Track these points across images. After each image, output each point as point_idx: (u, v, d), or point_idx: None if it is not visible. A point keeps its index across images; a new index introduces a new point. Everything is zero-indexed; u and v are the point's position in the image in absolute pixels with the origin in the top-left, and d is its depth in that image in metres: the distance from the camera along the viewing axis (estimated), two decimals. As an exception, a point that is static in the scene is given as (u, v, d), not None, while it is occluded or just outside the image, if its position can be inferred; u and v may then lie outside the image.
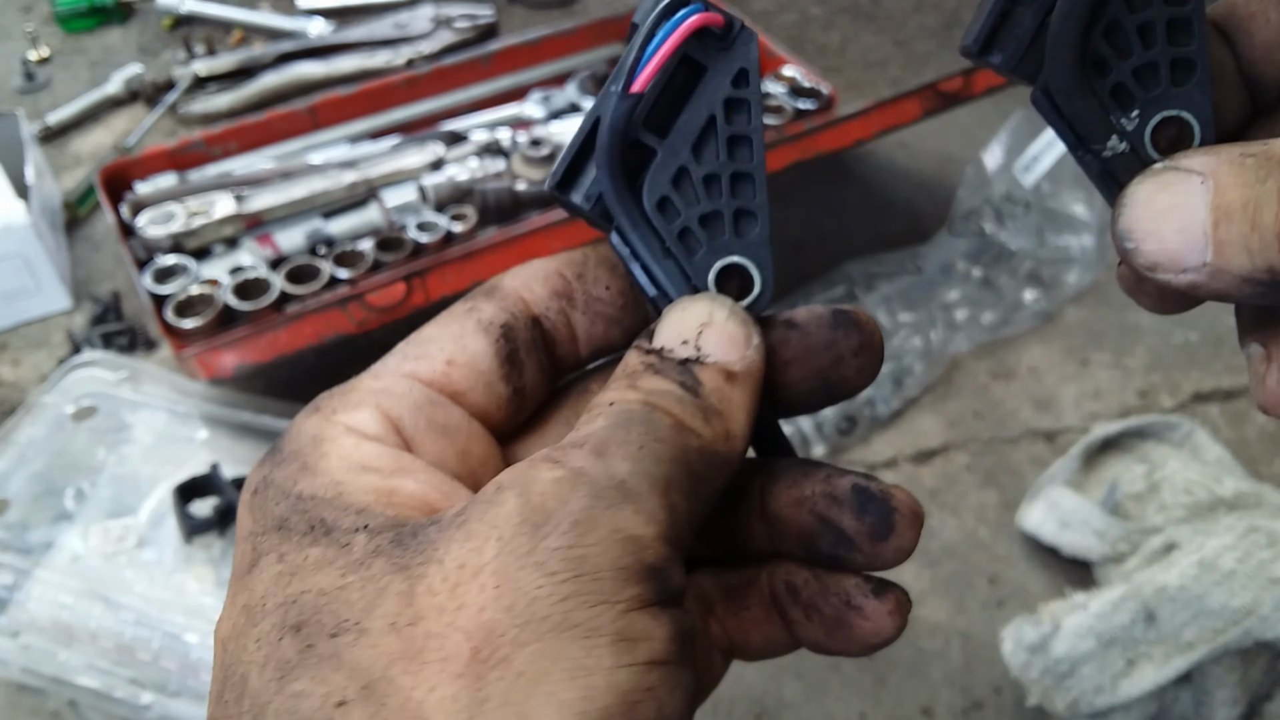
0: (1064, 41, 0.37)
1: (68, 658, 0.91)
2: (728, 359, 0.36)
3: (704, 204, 0.38)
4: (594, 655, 0.28)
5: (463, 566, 0.30)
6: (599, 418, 0.34)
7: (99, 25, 1.84)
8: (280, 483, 0.34)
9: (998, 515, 1.11)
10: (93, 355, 1.18)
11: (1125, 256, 0.35)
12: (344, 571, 0.31)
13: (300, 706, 0.29)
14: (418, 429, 0.37)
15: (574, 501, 0.30)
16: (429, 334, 0.39)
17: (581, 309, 0.40)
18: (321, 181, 1.27)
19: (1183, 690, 0.92)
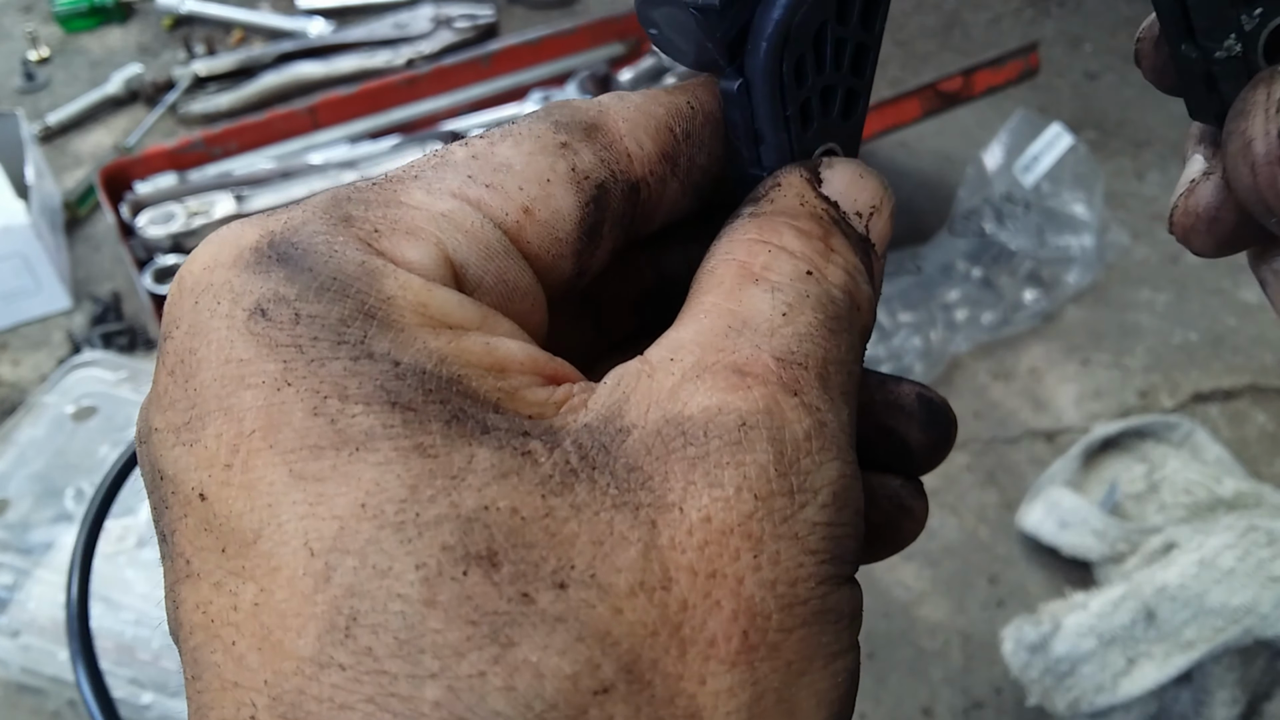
0: None
1: (68, 658, 0.91)
2: (880, 248, 0.32)
3: (828, 74, 0.32)
4: (840, 640, 0.26)
5: (709, 520, 0.24)
6: (805, 302, 0.28)
7: (99, 25, 1.84)
8: (334, 326, 0.24)
9: (998, 515, 1.11)
10: (93, 355, 1.18)
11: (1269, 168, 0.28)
12: (541, 491, 0.23)
13: (541, 688, 0.21)
14: (484, 283, 0.27)
15: (827, 468, 0.26)
16: (506, 156, 0.29)
17: (682, 177, 0.32)
18: (322, 181, 1.27)
19: (1183, 689, 0.92)
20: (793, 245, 0.29)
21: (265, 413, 0.23)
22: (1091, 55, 1.73)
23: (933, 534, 1.09)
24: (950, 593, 1.04)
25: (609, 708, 0.22)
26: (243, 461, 0.23)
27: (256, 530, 0.23)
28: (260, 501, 0.23)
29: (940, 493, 1.13)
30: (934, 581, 1.05)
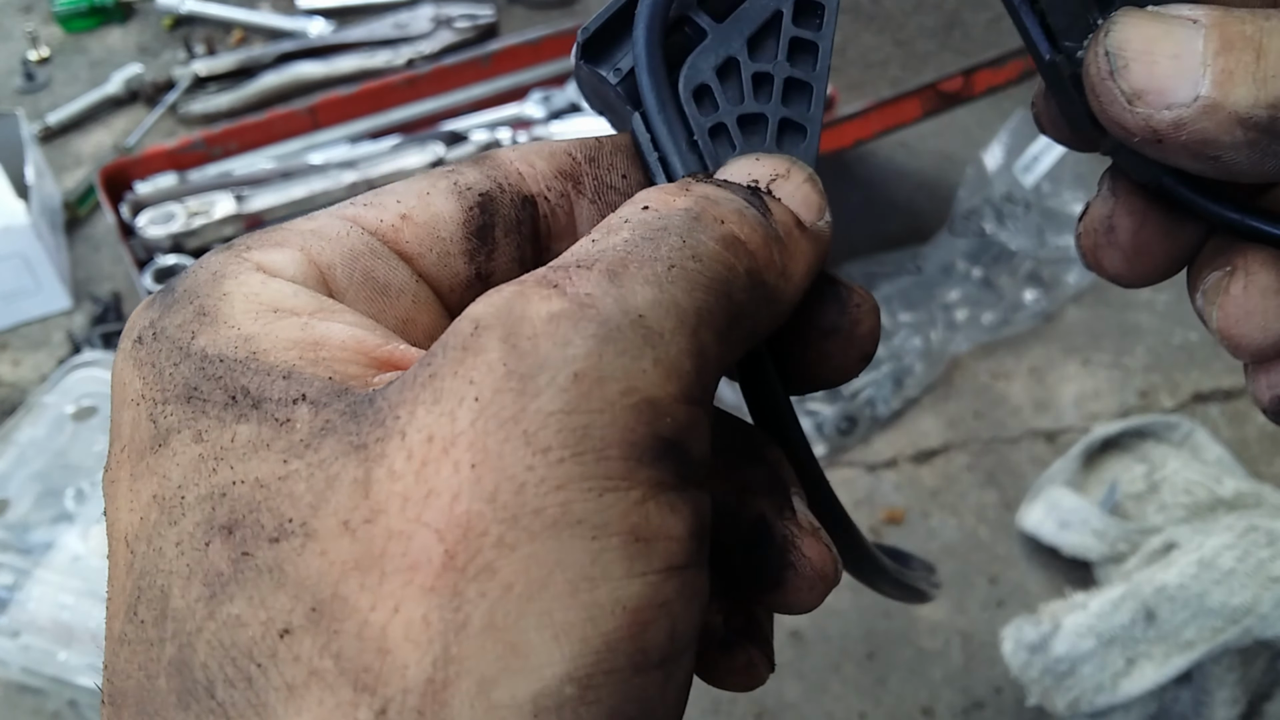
0: None
1: (68, 658, 0.91)
2: (800, 214, 0.30)
3: (749, 104, 0.33)
4: (600, 562, 0.22)
5: (431, 439, 0.23)
6: (624, 226, 0.27)
7: (99, 25, 1.84)
8: (173, 334, 0.27)
9: (998, 515, 1.11)
10: (93, 355, 1.18)
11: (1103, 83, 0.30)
12: (286, 456, 0.24)
13: (237, 638, 0.23)
14: (350, 281, 0.29)
15: (575, 344, 0.23)
16: (391, 186, 0.31)
17: (590, 196, 0.33)
18: (322, 182, 1.27)
19: (1183, 689, 0.92)
20: (641, 196, 0.29)
21: (129, 427, 0.27)
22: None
23: (933, 534, 1.09)
24: (950, 592, 1.04)
25: (295, 647, 0.22)
26: (115, 475, 0.27)
27: (110, 534, 0.26)
28: (114, 508, 0.26)
29: (940, 493, 1.13)
30: (934, 581, 1.05)
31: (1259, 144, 0.29)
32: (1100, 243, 0.36)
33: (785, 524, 0.30)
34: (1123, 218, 0.35)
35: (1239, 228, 0.33)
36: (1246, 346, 0.32)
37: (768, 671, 0.31)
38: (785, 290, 0.29)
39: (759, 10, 0.34)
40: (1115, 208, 0.35)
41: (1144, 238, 0.35)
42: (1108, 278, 0.37)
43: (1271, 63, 0.28)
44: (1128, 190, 0.35)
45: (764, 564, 0.30)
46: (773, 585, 0.30)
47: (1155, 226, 0.35)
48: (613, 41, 0.33)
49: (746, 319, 0.27)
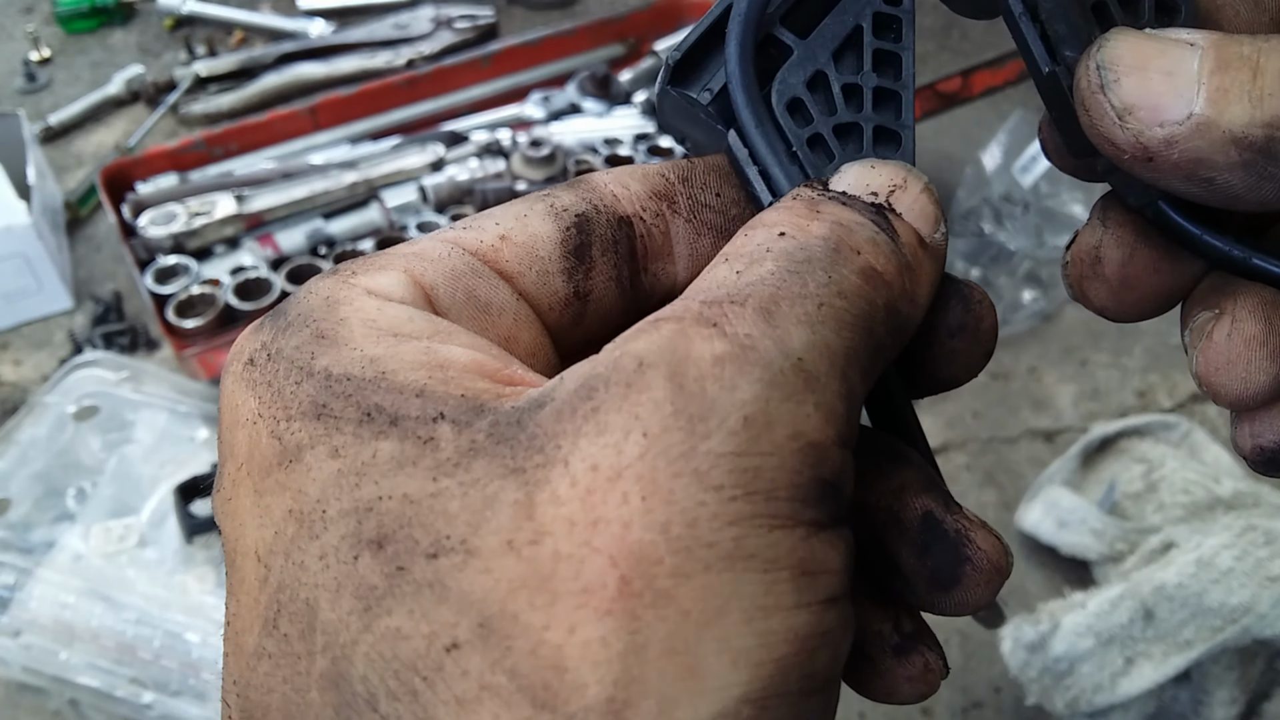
0: None
1: (69, 657, 0.91)
2: (919, 227, 0.30)
3: (842, 114, 0.33)
4: (773, 592, 0.23)
5: (596, 469, 0.23)
6: (766, 256, 0.27)
7: (100, 26, 1.84)
8: (291, 355, 0.27)
9: (997, 515, 1.11)
10: (94, 355, 1.19)
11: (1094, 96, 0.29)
12: (434, 474, 0.24)
13: (400, 650, 0.23)
14: (454, 300, 0.30)
15: (743, 388, 0.24)
16: (490, 210, 0.32)
17: (686, 215, 0.34)
18: (322, 182, 1.27)
19: (1181, 688, 0.92)
20: (770, 220, 0.29)
21: (246, 445, 0.27)
22: (1091, 56, 1.73)
23: (932, 534, 1.09)
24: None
25: (463, 662, 0.22)
26: (233, 493, 0.27)
27: (233, 550, 0.26)
28: (237, 524, 0.26)
29: (939, 492, 1.13)
30: (933, 581, 1.06)
31: (1255, 165, 0.28)
32: (1086, 274, 0.35)
33: (955, 518, 0.30)
34: (1111, 249, 0.34)
35: (1235, 262, 0.32)
36: (1225, 396, 0.31)
37: (942, 675, 0.31)
38: (915, 315, 0.29)
39: (840, 25, 0.34)
40: (1104, 238, 0.34)
41: (1132, 271, 0.34)
42: (1093, 310, 0.36)
43: (1268, 81, 0.28)
44: (1119, 221, 0.34)
45: (941, 561, 0.29)
46: (951, 582, 0.29)
47: (1144, 260, 0.34)
48: (698, 65, 0.34)
49: (885, 351, 0.27)
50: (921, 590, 0.30)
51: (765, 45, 0.34)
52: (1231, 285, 0.32)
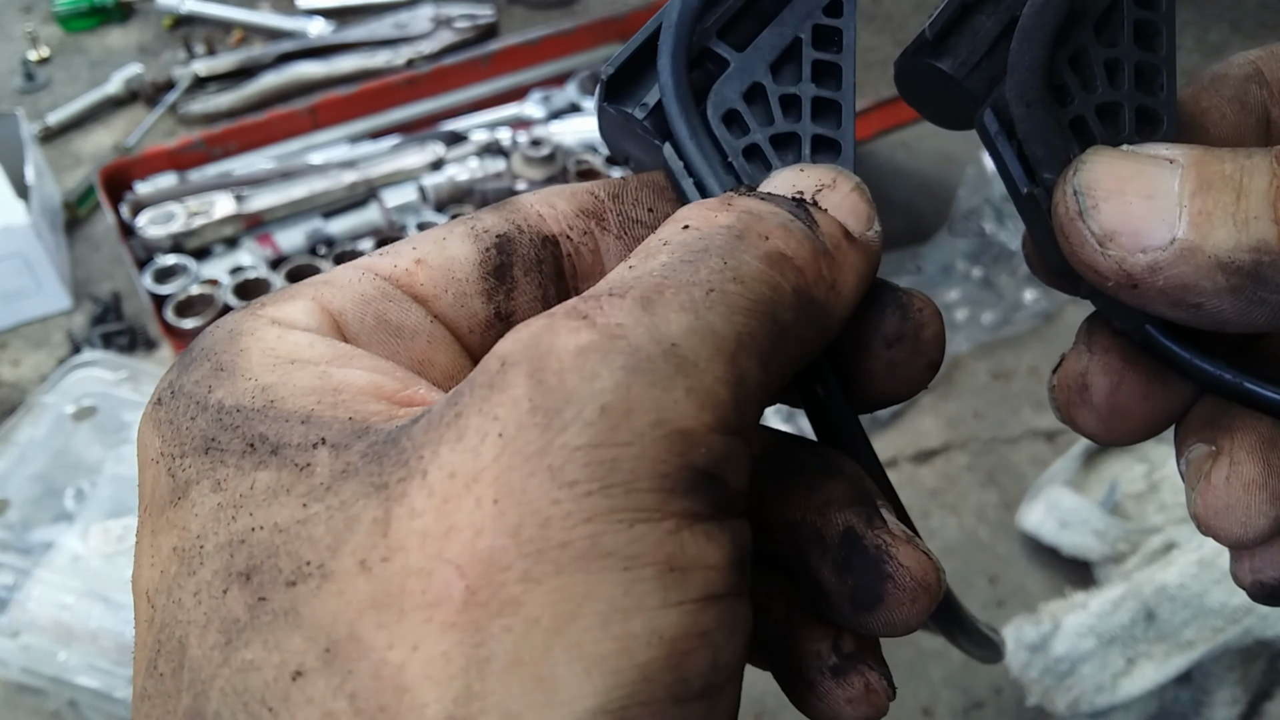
0: (1035, 37, 0.31)
1: (68, 658, 0.91)
2: (847, 223, 0.29)
3: (779, 124, 0.33)
4: (634, 592, 0.22)
5: (453, 476, 0.22)
6: (663, 249, 0.26)
7: (99, 25, 1.84)
8: (190, 390, 0.27)
9: (998, 515, 1.11)
10: (93, 355, 1.18)
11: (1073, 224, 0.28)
12: (305, 500, 0.24)
13: (249, 682, 0.22)
14: (364, 325, 0.29)
15: (603, 377, 0.23)
16: (411, 236, 0.32)
17: (616, 233, 0.33)
18: (321, 181, 1.27)
19: (1183, 689, 0.92)
20: (680, 215, 0.28)
21: (150, 485, 0.27)
22: (1091, 55, 1.73)
23: (933, 534, 1.09)
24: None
25: (307, 689, 0.22)
26: (138, 535, 0.27)
27: (134, 590, 0.27)
28: (136, 566, 0.26)
29: (940, 493, 1.13)
30: (934, 581, 1.05)
31: (1243, 290, 0.27)
32: (1074, 400, 0.34)
33: (876, 534, 0.28)
34: (1097, 376, 0.33)
35: (1227, 387, 0.31)
36: (1225, 539, 0.31)
37: (889, 697, 0.29)
38: (836, 305, 0.28)
39: (779, 38, 0.34)
40: (1090, 364, 0.33)
41: (1120, 399, 0.33)
42: (1083, 435, 0.34)
43: (1253, 203, 0.26)
44: (1105, 346, 0.33)
45: (860, 579, 0.28)
46: (872, 601, 0.28)
47: (1133, 387, 0.33)
48: (634, 81, 0.33)
49: (793, 340, 0.26)
50: (846, 610, 0.29)
51: (702, 59, 0.34)
52: (1227, 417, 0.31)
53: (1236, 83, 0.35)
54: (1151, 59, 0.33)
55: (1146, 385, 0.33)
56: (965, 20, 0.33)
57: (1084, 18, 0.33)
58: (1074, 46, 0.32)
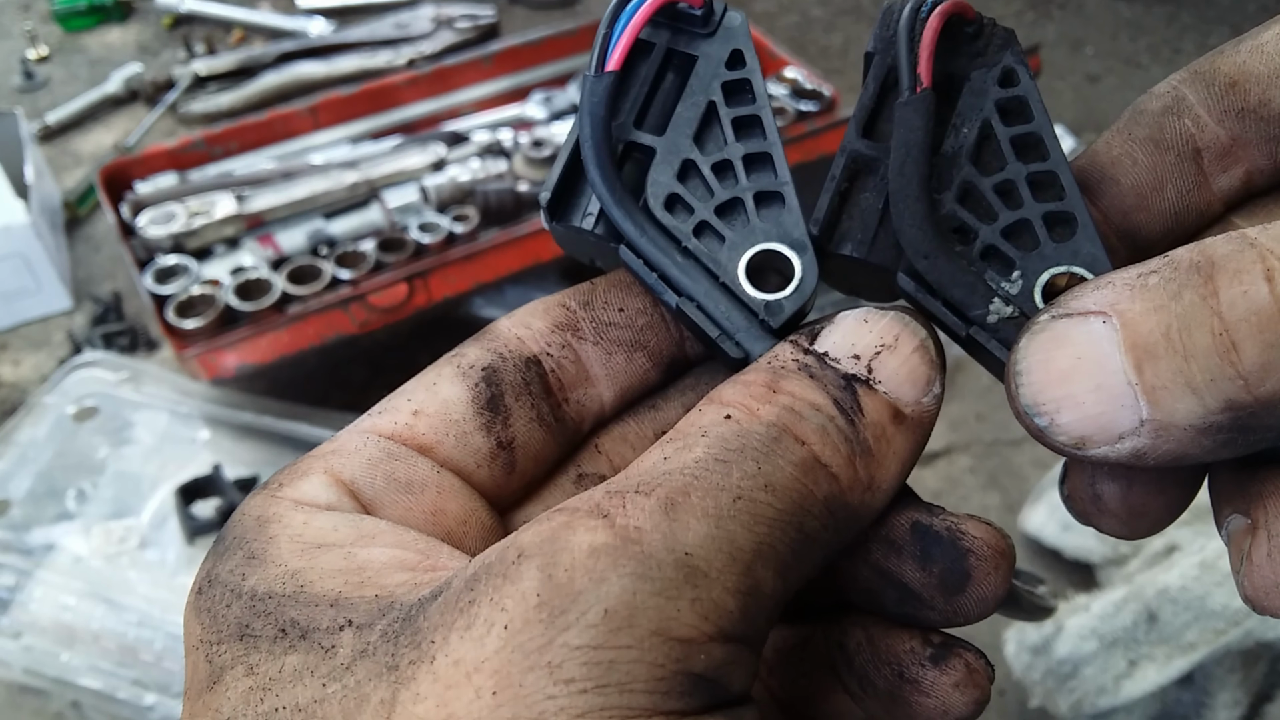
0: (908, 194, 0.32)
1: (70, 659, 0.91)
2: (901, 395, 0.29)
3: (719, 194, 0.34)
4: None
5: (458, 663, 0.24)
6: (700, 440, 0.27)
7: (98, 24, 1.84)
8: (226, 579, 0.28)
9: (1000, 517, 1.11)
10: (94, 355, 1.18)
11: (1042, 438, 0.27)
12: (325, 680, 0.25)
13: None
14: (375, 488, 0.31)
15: (611, 581, 0.23)
16: (403, 386, 0.33)
17: (592, 339, 0.34)
18: (323, 182, 1.27)
19: (1184, 691, 0.92)
20: (725, 396, 0.28)
21: (190, 671, 0.28)
22: (1093, 58, 1.73)
23: (935, 536, 1.09)
24: (952, 594, 1.05)
25: None
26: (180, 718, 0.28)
27: None
28: None
29: (943, 495, 1.13)
30: (936, 583, 1.06)
31: (1235, 443, 0.26)
32: (1090, 511, 0.32)
33: (942, 518, 0.29)
34: (1106, 484, 0.31)
35: None
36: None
37: (989, 677, 0.30)
38: (871, 502, 0.28)
39: (693, 109, 0.34)
40: (1095, 473, 0.31)
41: (1136, 499, 0.31)
42: (1104, 532, 0.33)
43: (1203, 365, 0.25)
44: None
45: (945, 562, 0.29)
46: (962, 579, 0.28)
47: (1145, 488, 0.31)
48: (572, 195, 0.35)
49: (819, 545, 0.26)
50: (939, 601, 0.29)
51: (629, 152, 0.35)
52: (1256, 481, 0.30)
53: (1152, 119, 0.34)
54: (1041, 168, 0.33)
55: (1157, 480, 0.31)
56: (849, 204, 0.34)
57: (959, 158, 0.33)
58: (959, 186, 0.33)
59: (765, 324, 0.32)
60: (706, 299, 0.32)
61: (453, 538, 0.31)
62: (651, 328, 0.34)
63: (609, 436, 0.35)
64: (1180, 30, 1.81)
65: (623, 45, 0.33)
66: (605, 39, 0.34)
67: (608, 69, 0.33)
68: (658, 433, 0.34)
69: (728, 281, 0.33)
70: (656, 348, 0.35)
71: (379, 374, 1.26)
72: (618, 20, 0.34)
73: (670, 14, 0.35)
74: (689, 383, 0.36)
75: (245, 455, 1.09)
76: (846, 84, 1.66)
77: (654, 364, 0.35)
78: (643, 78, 0.35)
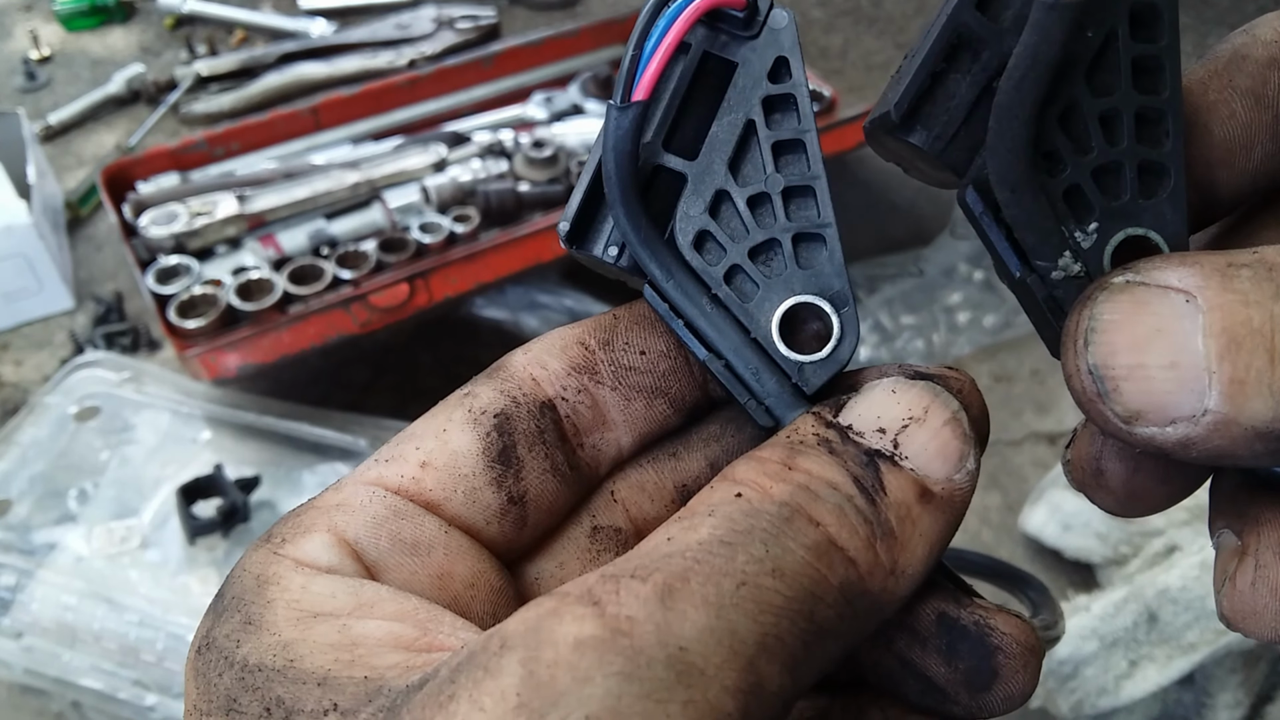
0: (1015, 115, 0.28)
1: (71, 659, 0.91)
2: (929, 472, 0.27)
3: (754, 233, 0.31)
4: None
5: None
6: (706, 520, 0.25)
7: (100, 24, 1.84)
8: (221, 644, 0.27)
9: (1000, 518, 1.11)
10: (95, 355, 1.18)
11: (1093, 404, 0.26)
12: None
13: None
14: (380, 549, 0.29)
15: (595, 682, 0.22)
16: (412, 429, 0.31)
17: (610, 384, 0.32)
18: (324, 182, 1.27)
19: (1185, 691, 0.92)
20: (738, 474, 0.26)
21: None
22: (1092, 58, 1.73)
23: (935, 536, 1.09)
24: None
25: None
26: None
27: None
28: None
29: (942, 495, 1.13)
30: (936, 583, 1.06)
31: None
32: (1089, 483, 0.32)
33: (970, 611, 0.28)
34: (1112, 462, 0.31)
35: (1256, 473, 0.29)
36: (1254, 635, 0.29)
37: None
38: (896, 589, 0.26)
39: (729, 128, 0.31)
40: (1104, 449, 0.31)
41: (1138, 484, 0.31)
42: (1099, 505, 0.33)
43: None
44: None
45: (971, 660, 0.27)
46: (989, 678, 0.27)
47: (1151, 472, 0.31)
48: (594, 221, 0.32)
49: (833, 636, 0.24)
50: (963, 697, 0.27)
51: (656, 177, 0.31)
52: (1255, 505, 0.29)
53: (1256, 69, 0.31)
54: (1153, 103, 0.30)
55: (1165, 469, 0.31)
56: (937, 85, 0.30)
57: (1074, 66, 0.29)
58: (1064, 102, 0.29)
59: (798, 388, 0.30)
60: (736, 356, 0.30)
61: (459, 602, 0.29)
62: (674, 373, 0.32)
63: (626, 483, 0.34)
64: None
65: (653, 71, 0.30)
66: (634, 61, 0.30)
67: (635, 98, 0.30)
68: (677, 484, 0.32)
69: (759, 338, 0.30)
70: (678, 394, 0.33)
71: (380, 374, 1.26)
72: (647, 39, 0.30)
73: (711, 13, 0.31)
74: (714, 431, 0.34)
75: (247, 455, 1.09)
76: (846, 84, 1.67)
77: (675, 410, 0.33)
78: (675, 85, 0.31)
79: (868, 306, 1.26)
